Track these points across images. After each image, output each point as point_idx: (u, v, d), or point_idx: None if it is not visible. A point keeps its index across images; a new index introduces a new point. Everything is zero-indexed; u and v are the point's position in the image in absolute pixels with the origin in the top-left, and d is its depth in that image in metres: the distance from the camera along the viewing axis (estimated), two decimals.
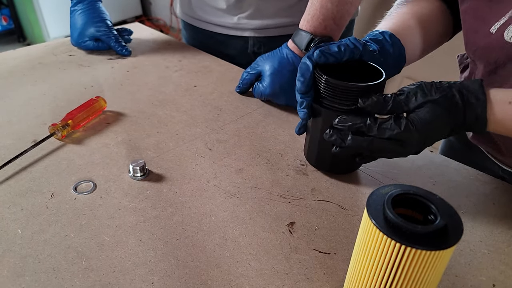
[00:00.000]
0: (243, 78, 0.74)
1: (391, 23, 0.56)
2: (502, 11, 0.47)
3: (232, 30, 0.89)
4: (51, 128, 0.59)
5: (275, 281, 0.40)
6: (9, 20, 3.12)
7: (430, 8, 0.58)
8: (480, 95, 0.40)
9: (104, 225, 0.45)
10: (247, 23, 0.87)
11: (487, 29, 0.48)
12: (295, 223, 0.47)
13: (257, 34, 0.88)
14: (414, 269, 0.29)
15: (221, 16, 0.88)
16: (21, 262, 0.41)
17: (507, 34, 0.46)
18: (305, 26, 0.67)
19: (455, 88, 0.41)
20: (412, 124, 0.41)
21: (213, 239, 0.44)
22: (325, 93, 0.48)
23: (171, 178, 0.53)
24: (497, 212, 0.49)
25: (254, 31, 0.88)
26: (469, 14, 0.51)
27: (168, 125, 0.65)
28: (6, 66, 0.83)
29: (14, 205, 0.48)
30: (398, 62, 0.54)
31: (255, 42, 0.90)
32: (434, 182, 0.54)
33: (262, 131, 0.64)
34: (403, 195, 0.32)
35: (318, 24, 0.66)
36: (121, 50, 0.89)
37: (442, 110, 0.41)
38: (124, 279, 0.40)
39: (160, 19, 3.57)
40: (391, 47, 0.53)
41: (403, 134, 0.42)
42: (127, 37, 0.94)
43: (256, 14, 0.85)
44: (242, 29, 0.88)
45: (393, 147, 0.43)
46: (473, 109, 0.41)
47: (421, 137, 0.42)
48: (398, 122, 0.42)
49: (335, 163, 0.53)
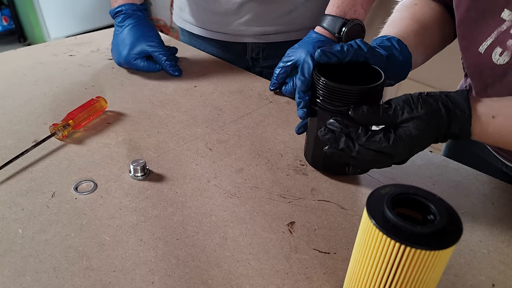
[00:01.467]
0: (277, 74, 0.72)
1: (396, 29, 0.56)
2: (487, 31, 0.48)
3: (230, 37, 0.89)
4: (52, 128, 0.59)
5: (275, 281, 0.40)
6: (9, 21, 3.12)
7: (431, 13, 0.58)
8: (465, 109, 0.41)
9: (104, 225, 0.46)
10: (246, 29, 0.86)
11: (476, 49, 0.49)
12: (295, 222, 0.47)
13: (256, 40, 0.88)
14: (414, 268, 0.29)
15: (219, 22, 0.87)
16: (22, 262, 0.41)
17: (494, 56, 0.47)
18: (334, 11, 0.68)
19: (441, 101, 0.42)
20: (400, 140, 0.42)
21: (214, 239, 0.45)
22: (321, 94, 0.48)
23: (171, 178, 0.53)
24: (496, 212, 0.49)
25: (253, 37, 0.87)
26: (460, 29, 0.52)
27: (169, 125, 0.65)
28: (7, 66, 0.83)
29: (15, 205, 0.48)
30: (405, 68, 0.54)
31: (253, 48, 0.90)
32: (434, 182, 0.54)
33: (262, 131, 0.64)
34: (402, 195, 0.32)
35: (348, 9, 0.67)
36: (173, 71, 0.80)
37: (427, 125, 0.42)
38: (125, 278, 0.40)
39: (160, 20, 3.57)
40: (400, 53, 0.53)
41: (391, 148, 0.43)
42: (175, 56, 0.85)
43: (255, 20, 0.85)
44: (241, 35, 0.88)
45: (380, 158, 0.44)
46: (457, 122, 0.42)
47: (407, 150, 0.43)
48: (387, 136, 0.43)
49: (328, 163, 0.53)
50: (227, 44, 0.90)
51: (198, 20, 0.90)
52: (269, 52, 0.90)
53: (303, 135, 0.57)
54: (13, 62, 0.85)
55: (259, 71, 0.94)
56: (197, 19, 0.90)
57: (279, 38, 0.87)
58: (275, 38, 0.87)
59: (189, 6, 0.90)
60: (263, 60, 0.91)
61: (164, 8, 3.44)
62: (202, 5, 0.87)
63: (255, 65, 0.93)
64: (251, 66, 0.93)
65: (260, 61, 0.91)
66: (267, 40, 0.87)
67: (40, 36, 3.00)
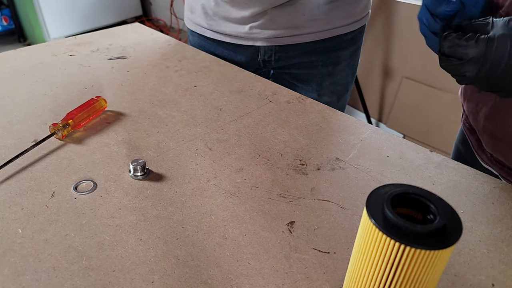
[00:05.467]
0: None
1: None
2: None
3: (243, 40, 0.88)
4: (51, 128, 0.59)
5: (275, 280, 0.40)
6: (9, 21, 3.13)
7: None
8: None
9: (104, 225, 0.46)
10: (260, 32, 0.85)
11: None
12: (294, 222, 0.47)
13: (269, 43, 0.87)
14: (414, 268, 0.29)
15: (232, 26, 0.87)
16: (21, 261, 0.41)
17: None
18: None
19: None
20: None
21: (213, 239, 0.45)
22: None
23: (171, 177, 0.53)
24: (496, 212, 0.49)
25: (266, 40, 0.87)
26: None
27: (168, 124, 0.65)
28: (7, 66, 0.83)
29: (14, 205, 0.48)
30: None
31: (266, 51, 0.89)
32: (434, 182, 0.54)
33: (262, 130, 0.64)
34: (402, 195, 0.32)
35: None
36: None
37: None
38: (124, 278, 0.40)
39: (160, 20, 3.57)
40: None
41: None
42: None
43: (268, 24, 0.84)
44: (254, 39, 0.87)
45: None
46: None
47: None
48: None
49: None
50: (239, 46, 0.90)
51: (210, 24, 0.90)
52: (281, 55, 0.90)
53: (302, 136, 0.57)
54: (13, 62, 0.85)
55: (267, 71, 0.95)
56: (209, 22, 0.90)
57: (292, 40, 0.86)
58: (288, 40, 0.86)
59: (202, 10, 0.90)
60: (275, 62, 0.91)
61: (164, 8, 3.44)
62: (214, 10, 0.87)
63: (266, 67, 0.93)
64: (262, 68, 0.93)
65: (272, 63, 0.91)
66: (280, 43, 0.87)
67: (40, 36, 3.00)
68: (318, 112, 0.69)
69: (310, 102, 0.73)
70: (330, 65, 0.92)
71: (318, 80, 0.93)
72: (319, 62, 0.91)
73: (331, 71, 0.92)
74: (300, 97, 0.74)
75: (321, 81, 0.93)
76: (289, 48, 0.88)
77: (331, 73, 0.93)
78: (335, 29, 0.86)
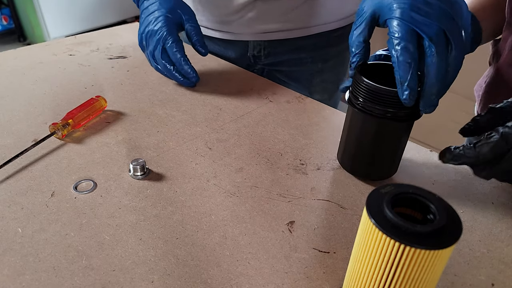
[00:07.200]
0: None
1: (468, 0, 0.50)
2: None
3: (231, 35, 0.89)
4: (51, 127, 0.59)
5: (275, 280, 0.40)
6: (9, 20, 3.12)
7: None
8: None
9: (104, 224, 0.46)
10: (248, 27, 0.86)
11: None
12: (294, 222, 0.47)
13: (258, 38, 0.88)
14: (413, 268, 0.29)
15: (220, 21, 0.87)
16: (21, 261, 0.41)
17: None
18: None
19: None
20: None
21: (213, 238, 0.44)
22: (365, 96, 0.46)
23: (171, 177, 0.53)
24: (496, 212, 0.49)
25: (255, 35, 0.87)
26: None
27: (168, 124, 0.65)
28: (7, 65, 0.83)
29: (14, 204, 0.48)
30: (473, 42, 0.49)
31: (255, 46, 0.90)
32: (433, 182, 0.54)
33: (262, 130, 0.64)
34: (402, 195, 0.32)
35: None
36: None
37: None
38: (124, 277, 0.40)
39: None
40: (469, 26, 0.47)
41: None
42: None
43: (257, 19, 0.85)
44: (242, 34, 0.88)
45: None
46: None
47: None
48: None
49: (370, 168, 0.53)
50: (228, 42, 0.90)
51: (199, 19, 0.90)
52: (270, 50, 0.90)
53: (302, 135, 0.57)
54: (13, 61, 0.85)
55: (260, 69, 0.95)
56: (200, 18, 0.90)
57: (281, 36, 0.87)
58: (277, 36, 0.87)
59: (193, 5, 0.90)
60: (265, 58, 0.91)
61: None
62: (203, 4, 0.87)
63: (257, 63, 0.93)
64: (253, 64, 0.93)
65: (262, 58, 0.91)
66: (269, 38, 0.87)
67: (40, 35, 3.00)
68: (318, 112, 0.69)
69: (310, 101, 0.73)
70: (319, 62, 0.92)
71: (308, 77, 0.93)
72: (308, 59, 0.91)
73: (320, 68, 0.93)
74: (300, 96, 0.74)
75: (311, 78, 0.94)
76: (278, 43, 0.88)
77: (320, 70, 0.93)
78: (323, 25, 0.87)
